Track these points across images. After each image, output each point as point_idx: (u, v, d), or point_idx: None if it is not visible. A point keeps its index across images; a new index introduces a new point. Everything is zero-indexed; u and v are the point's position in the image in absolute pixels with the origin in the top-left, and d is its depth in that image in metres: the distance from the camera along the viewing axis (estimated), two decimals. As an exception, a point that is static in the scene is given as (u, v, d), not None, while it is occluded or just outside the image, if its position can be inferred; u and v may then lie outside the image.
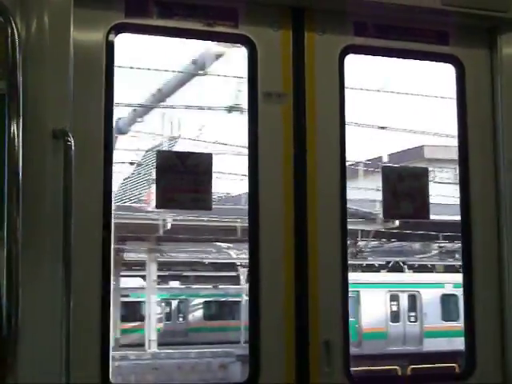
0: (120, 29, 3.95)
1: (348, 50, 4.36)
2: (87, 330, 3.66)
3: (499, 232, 4.50)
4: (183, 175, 3.98)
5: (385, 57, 4.69)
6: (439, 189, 24.13)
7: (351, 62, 4.40)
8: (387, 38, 4.46)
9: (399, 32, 4.48)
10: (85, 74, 3.77)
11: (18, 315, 3.05)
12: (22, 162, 3.18)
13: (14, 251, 3.08)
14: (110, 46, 3.90)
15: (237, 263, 33.40)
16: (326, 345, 4.06)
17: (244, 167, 4.23)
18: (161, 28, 4.09)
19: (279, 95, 4.17)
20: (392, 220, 24.41)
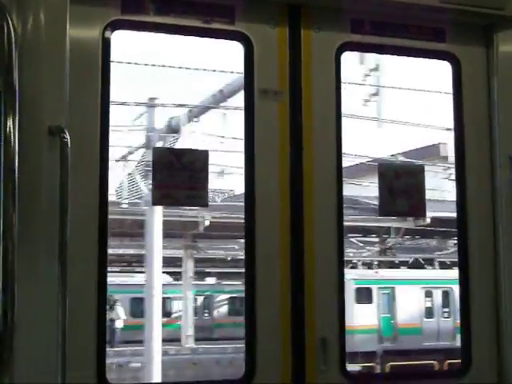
0: (116, 25, 3.95)
1: (344, 47, 4.36)
2: (83, 327, 3.66)
3: (495, 229, 4.50)
4: (179, 172, 3.99)
5: (381, 54, 4.69)
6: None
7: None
8: (384, 35, 4.46)
9: (396, 29, 4.48)
10: (81, 71, 3.77)
11: (13, 311, 3.05)
12: (18, 158, 3.18)
13: (9, 247, 3.08)
14: (106, 43, 3.89)
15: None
16: (322, 342, 4.06)
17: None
18: (157, 25, 4.08)
19: (275, 92, 4.17)
20: (423, 218, 24.46)
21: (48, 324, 3.37)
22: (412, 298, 32.35)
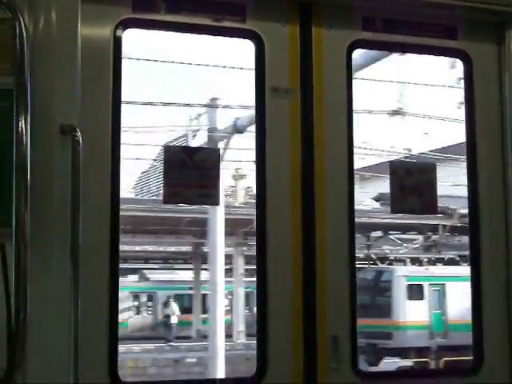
0: (127, 24, 3.95)
1: (356, 44, 4.35)
2: (95, 326, 3.66)
3: (507, 226, 4.49)
4: (191, 170, 3.99)
5: (392, 52, 4.69)
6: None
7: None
8: (395, 33, 4.45)
9: (407, 26, 4.47)
10: (92, 70, 3.77)
11: (26, 311, 3.06)
12: (30, 157, 3.18)
13: (22, 247, 3.09)
14: (117, 42, 3.90)
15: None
16: (334, 340, 4.06)
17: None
18: (168, 23, 4.08)
19: (286, 90, 4.17)
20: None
21: (60, 323, 3.37)
22: (462, 294, 32.45)
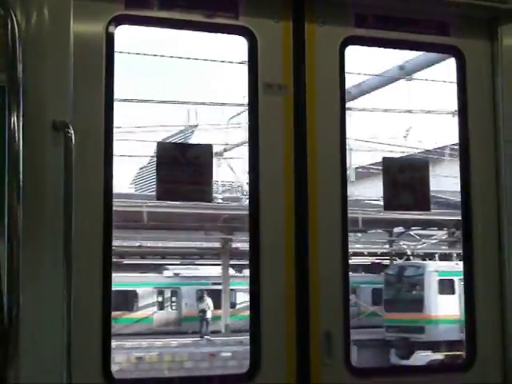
0: (120, 20, 3.94)
1: (348, 41, 4.35)
2: (88, 324, 3.65)
3: (500, 223, 4.49)
4: (183, 167, 3.99)
5: (385, 48, 4.69)
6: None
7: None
8: (388, 29, 4.45)
9: (400, 23, 4.47)
10: (85, 66, 3.76)
11: (19, 308, 3.06)
12: (23, 153, 3.18)
13: (14, 243, 3.08)
14: (110, 38, 3.89)
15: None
16: (327, 336, 4.07)
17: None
18: (161, 19, 4.08)
19: (280, 86, 4.17)
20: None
21: (53, 321, 3.36)
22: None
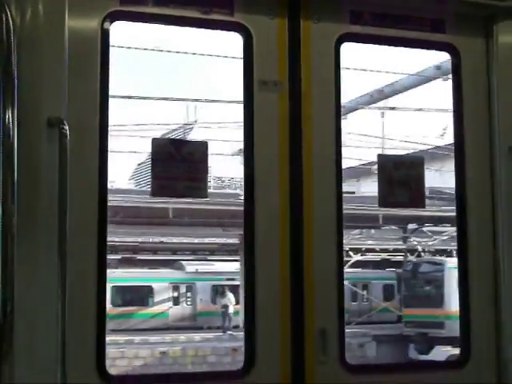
0: (115, 17, 3.93)
1: (344, 38, 4.35)
2: (82, 319, 3.64)
3: (494, 220, 4.49)
4: (178, 163, 3.98)
5: (381, 45, 4.69)
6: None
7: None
8: (383, 26, 4.45)
9: (395, 20, 4.47)
10: (80, 62, 3.75)
11: (13, 303, 3.05)
12: (17, 150, 3.17)
13: (9, 240, 3.08)
14: (104, 34, 3.88)
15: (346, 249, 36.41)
16: (322, 333, 4.07)
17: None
18: (156, 16, 4.07)
19: (275, 83, 4.16)
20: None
21: (47, 318, 3.36)
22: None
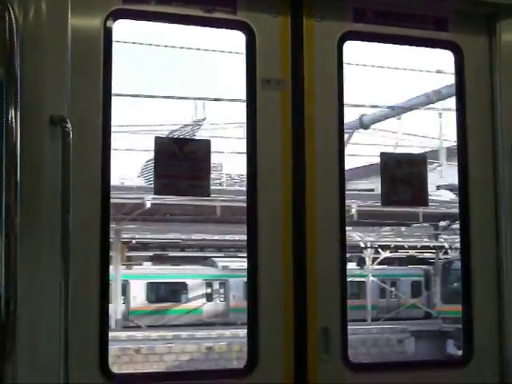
0: (118, 15, 3.93)
1: (347, 36, 4.34)
2: (85, 318, 3.65)
3: (497, 219, 4.49)
4: (181, 162, 3.98)
5: (383, 43, 4.68)
6: None
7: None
8: (386, 24, 4.44)
9: (398, 18, 4.46)
10: (83, 61, 3.75)
11: (16, 302, 3.06)
12: (20, 148, 3.18)
13: (12, 238, 3.08)
14: (107, 33, 3.88)
15: (361, 245, 37.64)
16: (325, 332, 4.07)
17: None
18: (159, 14, 4.07)
19: (278, 82, 4.16)
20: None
21: (50, 315, 3.37)
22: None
